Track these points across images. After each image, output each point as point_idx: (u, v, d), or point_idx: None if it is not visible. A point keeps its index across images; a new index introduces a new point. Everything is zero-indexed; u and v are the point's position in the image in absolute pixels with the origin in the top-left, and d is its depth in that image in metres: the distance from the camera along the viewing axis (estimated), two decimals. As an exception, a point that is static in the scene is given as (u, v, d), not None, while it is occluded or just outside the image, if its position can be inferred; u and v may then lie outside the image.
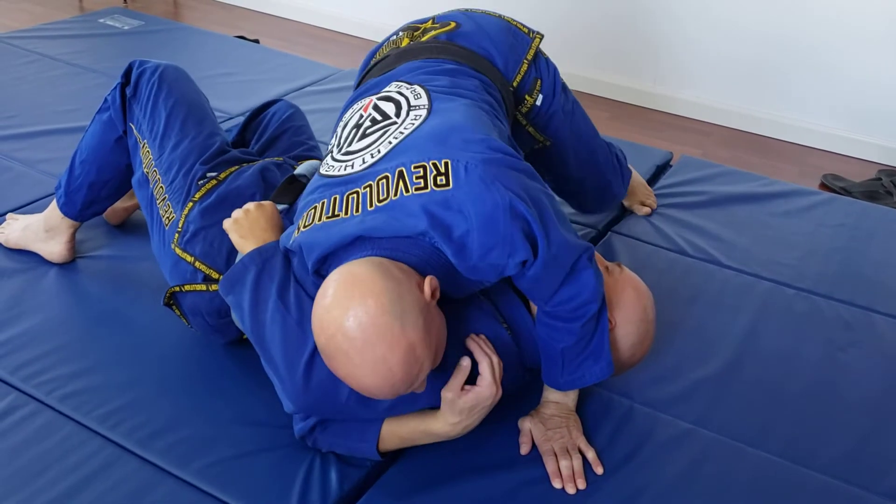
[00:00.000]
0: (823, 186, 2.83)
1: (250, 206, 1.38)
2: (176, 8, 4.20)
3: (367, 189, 1.20)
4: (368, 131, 1.30)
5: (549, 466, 1.31)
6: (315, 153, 1.72)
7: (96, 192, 1.68)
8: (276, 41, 3.67)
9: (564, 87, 1.66)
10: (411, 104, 1.31)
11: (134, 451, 1.32)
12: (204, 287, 1.43)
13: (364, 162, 1.24)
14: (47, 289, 1.67)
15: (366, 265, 1.12)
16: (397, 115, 1.30)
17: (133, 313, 1.62)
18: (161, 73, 1.63)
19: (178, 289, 1.46)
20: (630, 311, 1.35)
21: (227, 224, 1.37)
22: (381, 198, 1.18)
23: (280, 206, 1.45)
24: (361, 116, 1.35)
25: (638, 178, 2.04)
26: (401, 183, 1.17)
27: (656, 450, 1.38)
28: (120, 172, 1.67)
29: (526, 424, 1.37)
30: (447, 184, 1.15)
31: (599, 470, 1.32)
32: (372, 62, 1.58)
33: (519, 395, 1.44)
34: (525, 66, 1.54)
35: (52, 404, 1.39)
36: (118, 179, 1.68)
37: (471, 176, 1.15)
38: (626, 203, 2.04)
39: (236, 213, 1.37)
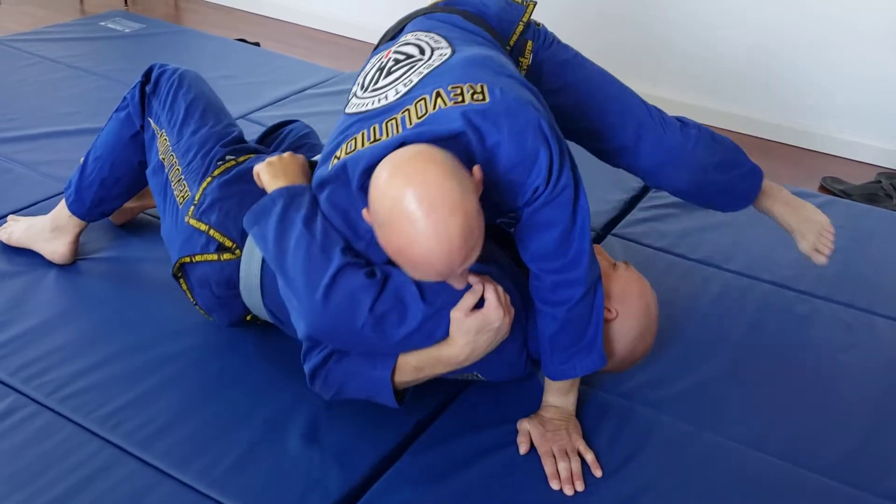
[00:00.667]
0: (823, 189, 2.83)
1: (285, 154, 1.41)
2: (177, 11, 4.21)
3: (405, 112, 1.25)
4: (394, 69, 1.35)
5: (548, 468, 1.31)
6: None
7: (107, 189, 1.69)
8: (274, 43, 3.68)
9: (556, 41, 1.64)
10: (433, 46, 1.37)
11: (133, 453, 1.32)
12: (215, 257, 1.45)
13: (398, 92, 1.30)
14: (47, 290, 1.67)
15: (424, 145, 1.17)
16: (422, 54, 1.36)
17: (133, 315, 1.62)
18: (181, 73, 1.67)
19: (188, 259, 1.47)
20: (633, 305, 1.36)
21: (260, 166, 1.39)
22: (419, 115, 1.24)
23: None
24: (383, 62, 1.38)
25: (811, 211, 1.76)
26: (439, 100, 1.24)
27: (655, 451, 1.38)
28: (133, 170, 1.69)
29: (525, 426, 1.38)
30: (484, 99, 1.23)
31: (598, 473, 1.32)
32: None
33: (520, 397, 1.44)
34: (520, 28, 1.55)
35: (51, 406, 1.39)
36: (130, 177, 1.70)
37: (506, 96, 1.24)
38: (800, 248, 1.74)
39: (270, 158, 1.40)
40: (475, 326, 1.24)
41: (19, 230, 1.76)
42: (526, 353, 1.39)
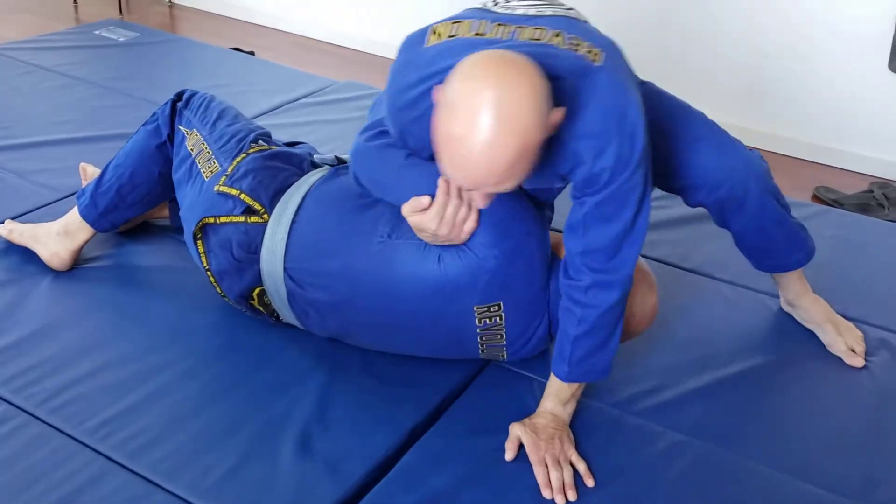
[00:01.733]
0: (816, 199, 2.84)
1: None
2: (171, 20, 4.22)
3: (518, 29, 1.26)
4: None
5: (540, 477, 1.31)
6: None
7: (123, 196, 1.70)
8: (268, 52, 3.69)
9: None
10: (568, 7, 1.39)
11: (123, 464, 1.31)
12: (242, 219, 1.48)
13: (526, 11, 1.31)
14: (40, 298, 1.67)
15: (527, 58, 1.16)
16: (560, 3, 1.37)
17: (125, 324, 1.62)
18: (212, 95, 1.74)
19: (212, 220, 1.50)
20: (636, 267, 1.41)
21: None
22: (532, 37, 1.25)
23: (325, 158, 1.61)
24: None
25: (840, 319, 1.69)
26: (556, 38, 1.25)
27: (648, 461, 1.38)
28: (152, 179, 1.71)
29: (516, 431, 1.37)
30: (596, 60, 1.24)
31: (590, 482, 1.32)
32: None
33: (514, 407, 1.44)
34: None
35: (41, 416, 1.39)
36: (148, 186, 1.71)
37: (618, 72, 1.26)
38: (831, 342, 1.65)
39: None
40: (413, 223, 1.33)
41: (24, 227, 1.77)
42: (547, 307, 1.42)
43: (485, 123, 1.10)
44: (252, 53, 3.41)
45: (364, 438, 1.38)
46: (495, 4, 1.35)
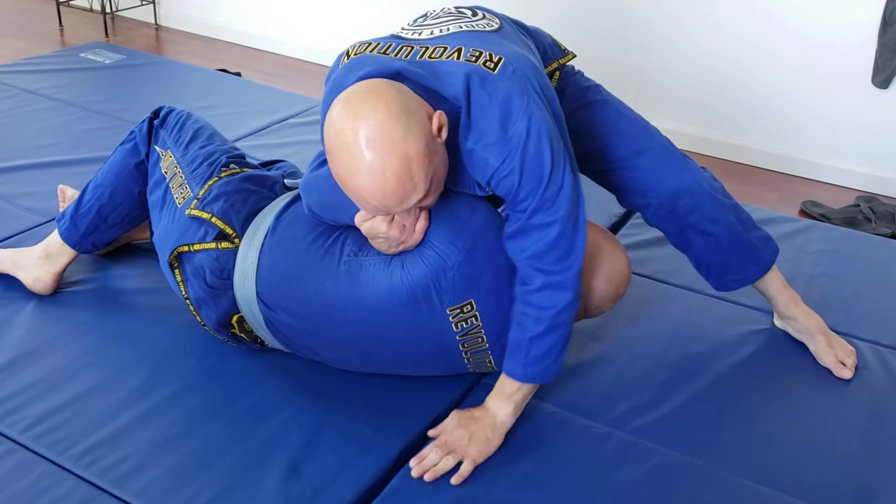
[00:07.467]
0: (803, 213, 2.86)
1: None
2: (157, 41, 4.22)
3: (424, 49, 1.32)
4: (440, 16, 1.42)
5: (423, 452, 1.35)
6: None
7: (104, 216, 1.70)
8: (255, 73, 3.69)
9: (581, 73, 1.61)
10: (486, 17, 1.42)
11: (109, 491, 1.29)
12: (213, 245, 1.48)
13: (431, 33, 1.36)
14: (24, 323, 1.65)
15: (387, 81, 1.23)
16: (473, 15, 1.42)
17: (110, 349, 1.60)
18: (188, 111, 1.75)
19: (186, 248, 1.50)
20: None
21: None
22: (431, 56, 1.30)
23: (297, 182, 1.62)
24: (437, 10, 1.45)
25: (831, 333, 1.69)
26: (454, 55, 1.30)
27: (639, 478, 1.37)
28: (132, 198, 1.70)
29: (452, 414, 1.42)
30: (493, 69, 1.27)
31: (454, 481, 1.32)
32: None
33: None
34: (555, 66, 1.55)
35: (25, 443, 1.37)
36: (128, 206, 1.71)
37: (515, 77, 1.26)
38: (821, 353, 1.66)
39: None
40: (366, 231, 1.32)
41: (4, 254, 1.75)
42: None
43: (358, 156, 1.16)
44: (238, 74, 3.42)
45: (352, 463, 1.37)
46: (403, 31, 1.41)
